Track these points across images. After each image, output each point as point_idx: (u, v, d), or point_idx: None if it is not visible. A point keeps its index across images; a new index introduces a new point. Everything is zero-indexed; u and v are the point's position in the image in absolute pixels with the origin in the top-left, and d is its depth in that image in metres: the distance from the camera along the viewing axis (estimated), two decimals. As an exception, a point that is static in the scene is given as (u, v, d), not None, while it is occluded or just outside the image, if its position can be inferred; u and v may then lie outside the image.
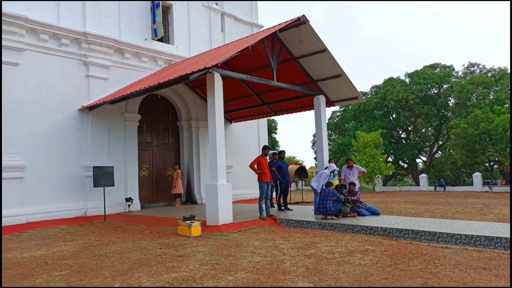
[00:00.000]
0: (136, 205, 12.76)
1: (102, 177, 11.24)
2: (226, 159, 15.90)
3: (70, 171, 11.54)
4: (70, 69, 11.78)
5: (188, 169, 15.16)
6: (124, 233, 8.93)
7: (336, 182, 10.76)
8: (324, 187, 9.61)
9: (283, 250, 6.40)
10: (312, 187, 9.99)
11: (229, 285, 4.66)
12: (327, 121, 43.39)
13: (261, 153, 9.99)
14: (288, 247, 6.62)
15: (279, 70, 11.64)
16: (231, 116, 16.34)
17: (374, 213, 9.45)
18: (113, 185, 11.56)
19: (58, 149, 11.32)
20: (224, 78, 9.53)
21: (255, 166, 9.66)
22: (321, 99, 12.02)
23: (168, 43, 14.65)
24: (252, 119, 16.14)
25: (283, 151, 10.99)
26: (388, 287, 4.44)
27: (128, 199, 12.32)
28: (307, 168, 21.32)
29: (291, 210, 11.15)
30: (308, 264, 5.53)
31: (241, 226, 8.75)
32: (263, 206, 9.68)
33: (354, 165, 10.36)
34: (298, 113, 14.24)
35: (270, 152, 10.32)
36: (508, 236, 6.25)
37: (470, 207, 12.93)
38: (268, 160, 10.33)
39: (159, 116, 14.86)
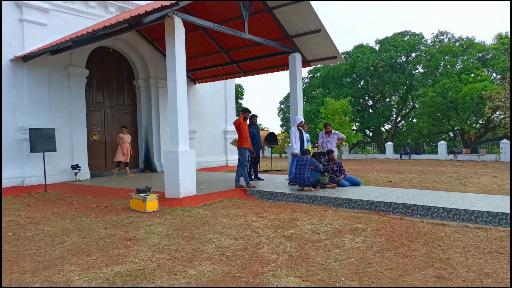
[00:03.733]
0: (84, 174, 11.20)
1: (41, 140, 9.55)
2: (190, 123, 14.52)
3: (4, 134, 9.75)
4: (-3, 10, 9.70)
5: (147, 133, 13.63)
6: (64, 207, 7.49)
7: (309, 148, 9.76)
8: (301, 155, 8.55)
9: (258, 230, 5.30)
10: (292, 152, 8.88)
11: (190, 284, 3.49)
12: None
13: (238, 116, 8.65)
14: (263, 226, 5.52)
15: (251, 23, 10.18)
16: (195, 76, 14.76)
17: (355, 183, 8.56)
18: (54, 150, 9.91)
19: (-14, 108, 9.46)
20: (187, 29, 8.00)
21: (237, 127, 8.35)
22: (297, 57, 10.74)
23: (122, -13, 12.63)
24: (219, 79, 14.65)
25: (255, 116, 9.71)
26: (399, 287, 3.44)
27: (75, 167, 10.74)
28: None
29: (262, 179, 10.07)
30: (291, 249, 4.45)
31: (206, 199, 7.56)
32: (242, 174, 8.50)
33: (332, 130, 9.33)
34: (270, 73, 12.93)
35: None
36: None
37: (446, 176, 12.45)
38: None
39: (112, 73, 13.05)
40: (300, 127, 9.15)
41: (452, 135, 31.49)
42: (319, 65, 36.66)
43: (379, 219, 5.91)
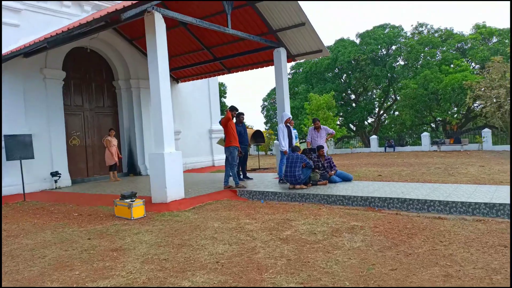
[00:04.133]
0: (65, 180, 10.73)
1: (18, 147, 9.07)
2: (173, 124, 14.19)
3: (-24, 142, 9.21)
4: (-36, 11, 9.15)
5: (129, 136, 13.20)
6: (44, 217, 7.08)
7: (298, 144, 9.56)
8: (290, 152, 8.33)
9: (252, 233, 5.05)
10: (280, 149, 8.67)
11: (185, 298, 3.23)
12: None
13: (224, 115, 8.35)
14: (257, 228, 5.28)
15: (234, 18, 9.90)
16: (177, 74, 14.38)
17: (346, 179, 8.40)
18: (32, 157, 9.44)
19: (-44, 115, 8.92)
20: (167, 26, 7.66)
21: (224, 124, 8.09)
22: (282, 52, 10.50)
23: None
24: (202, 77, 14.31)
25: (242, 114, 9.43)
26: (406, 287, 3.25)
27: (54, 174, 10.27)
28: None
29: (251, 179, 9.83)
30: (288, 252, 4.23)
31: (195, 202, 7.27)
32: (231, 174, 8.25)
33: (321, 126, 9.14)
34: (253, 70, 12.65)
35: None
36: (508, 202, 5.39)
37: (433, 167, 12.46)
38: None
39: (91, 74, 12.56)
40: (287, 124, 8.94)
41: (434, 126, 31.90)
42: (302, 60, 36.62)
43: (375, 215, 5.75)
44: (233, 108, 8.21)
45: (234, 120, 8.61)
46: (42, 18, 10.49)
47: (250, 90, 78.37)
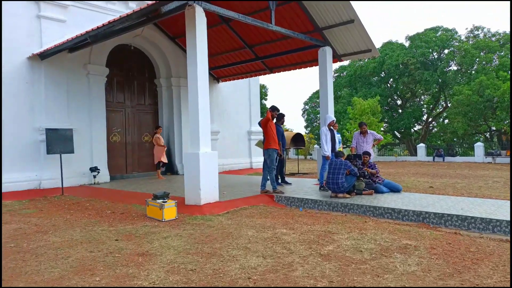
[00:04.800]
0: (104, 176, 10.75)
1: (58, 141, 9.14)
2: (212, 124, 13.93)
3: (21, 134, 9.40)
4: (15, 8, 9.36)
5: (168, 134, 13.11)
6: (78, 213, 6.97)
7: (341, 149, 8.93)
8: (333, 157, 7.74)
9: (289, 245, 4.55)
10: (322, 154, 8.10)
11: (210, 321, 2.79)
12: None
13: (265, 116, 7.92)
14: (294, 240, 4.77)
15: (277, 15, 9.44)
16: (218, 74, 14.16)
17: (394, 189, 7.67)
18: (72, 151, 9.49)
19: (6, 108, 9.12)
20: (209, 24, 7.36)
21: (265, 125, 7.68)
22: (327, 51, 9.92)
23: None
24: (243, 77, 13.99)
25: (282, 115, 8.93)
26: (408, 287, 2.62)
27: (94, 169, 10.30)
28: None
29: (290, 184, 9.31)
30: (330, 272, 3.69)
31: (230, 206, 6.87)
32: (269, 178, 7.82)
33: (368, 130, 8.46)
34: (296, 70, 12.14)
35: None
36: None
37: (491, 181, 11.32)
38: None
39: (133, 72, 12.60)
40: (331, 127, 8.34)
41: (488, 136, 29.70)
42: (347, 62, 35.55)
43: (431, 234, 5.05)
44: (274, 108, 7.74)
45: (275, 121, 8.11)
46: (88, 14, 10.59)
47: (291, 92, 77.67)
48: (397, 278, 3.53)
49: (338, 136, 8.74)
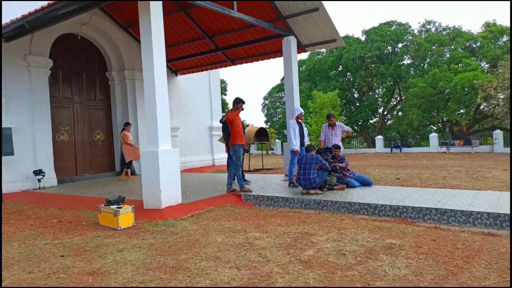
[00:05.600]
0: (50, 180, 9.71)
1: (-6, 143, 8.05)
2: (171, 119, 13.05)
3: None
4: None
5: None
6: (18, 223, 6.06)
7: (309, 143, 8.57)
8: (302, 152, 7.33)
9: (264, 252, 4.05)
10: (291, 148, 7.66)
11: None
12: (279, 81, 40.70)
13: (232, 108, 7.29)
14: (270, 245, 4.28)
15: (239, 1, 8.86)
16: (176, 66, 13.37)
17: (365, 183, 7.41)
18: (12, 153, 8.43)
19: None
20: (165, 11, 6.67)
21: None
22: (292, 40, 9.51)
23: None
24: (203, 69, 13.30)
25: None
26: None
27: (38, 172, 9.24)
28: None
29: (249, 182, 8.71)
30: (315, 282, 3.23)
31: (194, 209, 6.26)
32: (235, 176, 7.26)
33: (336, 123, 8.13)
34: (260, 61, 11.65)
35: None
36: None
37: (453, 170, 11.49)
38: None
39: (82, 64, 11.53)
40: (299, 120, 7.93)
41: (441, 126, 30.92)
42: (307, 55, 35.63)
43: (412, 230, 4.74)
44: (239, 100, 7.15)
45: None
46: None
47: (250, 88, 77.30)
48: (389, 285, 3.13)
49: (306, 130, 8.32)
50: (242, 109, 7.09)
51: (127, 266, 3.76)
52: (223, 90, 36.42)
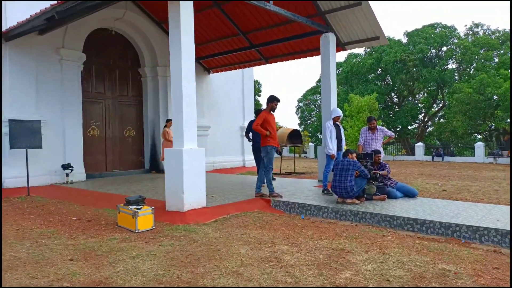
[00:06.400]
0: (79, 174, 9.60)
1: (24, 135, 7.99)
2: (202, 118, 12.85)
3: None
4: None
5: (154, 129, 11.99)
6: (38, 218, 5.85)
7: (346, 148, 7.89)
8: (338, 157, 6.72)
9: (293, 270, 3.50)
10: (327, 152, 7.06)
11: None
12: (314, 83, 39.84)
13: (266, 106, 6.77)
14: (299, 262, 3.72)
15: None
16: (208, 64, 13.06)
17: (409, 194, 6.68)
18: (40, 146, 8.35)
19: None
20: (198, 8, 6.35)
21: (260, 126, 6.55)
22: (331, 37, 8.89)
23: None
24: (236, 68, 12.91)
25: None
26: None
27: (66, 166, 9.15)
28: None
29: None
30: (354, 316, 2.65)
31: (219, 213, 5.80)
32: (265, 179, 6.76)
33: (378, 126, 7.44)
34: (296, 59, 11.08)
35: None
36: None
37: (504, 183, 10.40)
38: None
39: (115, 59, 11.44)
40: (337, 122, 7.31)
41: (486, 135, 28.99)
42: (344, 58, 34.60)
43: (469, 253, 4.04)
44: (273, 98, 6.60)
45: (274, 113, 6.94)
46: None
47: (285, 89, 76.54)
48: (449, 327, 2.51)
49: (343, 133, 7.66)
50: (276, 107, 6.57)
51: (137, 278, 3.33)
52: (257, 91, 36.07)
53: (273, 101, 6.57)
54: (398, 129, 33.07)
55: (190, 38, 5.91)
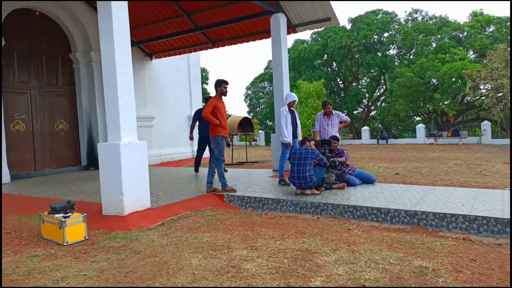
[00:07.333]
0: (2, 176, 8.35)
1: None
2: (145, 108, 11.88)
3: None
4: None
5: (90, 120, 10.85)
6: None
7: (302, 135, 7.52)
8: (294, 144, 6.28)
9: (255, 282, 2.97)
10: (282, 140, 6.60)
11: None
12: (263, 71, 39.54)
13: (215, 92, 6.11)
14: (262, 270, 3.20)
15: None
16: (150, 49, 12.06)
17: (368, 180, 6.43)
18: None
19: None
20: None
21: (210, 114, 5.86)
22: (281, 18, 8.39)
23: None
24: (181, 52, 12.03)
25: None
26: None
27: (-16, 168, 7.90)
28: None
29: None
30: None
31: (166, 214, 5.12)
32: (216, 172, 6.13)
33: (333, 111, 7.10)
34: (244, 43, 10.46)
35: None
36: None
37: (451, 164, 10.69)
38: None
39: (41, 44, 10.10)
40: (291, 107, 6.86)
41: (427, 117, 30.46)
42: (291, 44, 34.49)
43: (441, 245, 3.76)
44: (221, 81, 5.96)
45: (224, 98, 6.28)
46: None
47: (233, 77, 75.72)
48: None
49: (298, 119, 7.24)
50: (226, 90, 5.96)
51: (61, 310, 2.62)
52: (205, 79, 35.04)
53: (220, 84, 5.93)
54: (344, 113, 33.79)
55: (124, 13, 5.08)
